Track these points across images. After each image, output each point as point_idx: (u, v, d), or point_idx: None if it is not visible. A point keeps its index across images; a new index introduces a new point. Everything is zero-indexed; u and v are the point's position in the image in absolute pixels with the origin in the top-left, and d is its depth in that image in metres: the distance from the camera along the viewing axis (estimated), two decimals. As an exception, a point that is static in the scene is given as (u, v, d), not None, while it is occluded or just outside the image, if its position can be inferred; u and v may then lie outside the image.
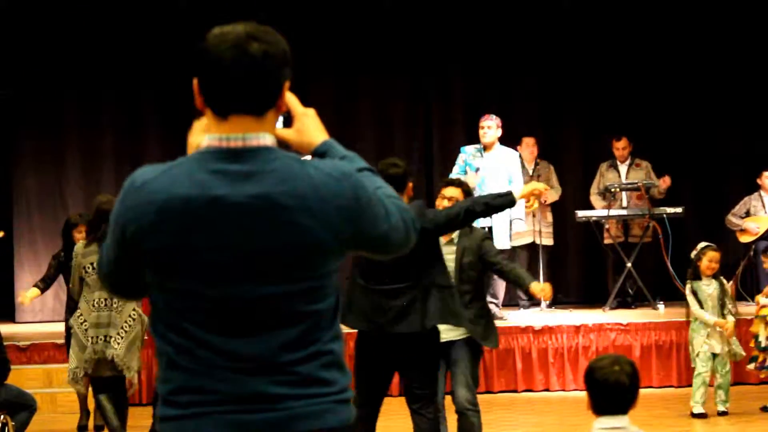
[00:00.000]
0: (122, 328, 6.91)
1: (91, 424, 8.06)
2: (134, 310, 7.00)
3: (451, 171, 9.94)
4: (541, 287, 6.08)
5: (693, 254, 8.13)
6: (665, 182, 10.49)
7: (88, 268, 6.92)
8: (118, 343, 6.88)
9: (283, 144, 2.39)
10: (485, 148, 9.73)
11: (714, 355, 7.95)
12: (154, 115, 11.67)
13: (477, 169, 9.64)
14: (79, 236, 7.66)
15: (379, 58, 11.71)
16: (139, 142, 11.68)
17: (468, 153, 9.76)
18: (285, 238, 2.17)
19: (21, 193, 11.62)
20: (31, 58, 11.44)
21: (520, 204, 9.71)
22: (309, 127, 2.39)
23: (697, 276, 8.03)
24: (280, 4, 11.36)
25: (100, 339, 6.87)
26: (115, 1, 11.52)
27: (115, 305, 6.92)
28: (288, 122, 2.38)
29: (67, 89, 11.55)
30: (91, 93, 11.55)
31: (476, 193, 9.60)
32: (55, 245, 8.44)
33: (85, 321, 6.92)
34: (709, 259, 7.99)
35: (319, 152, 2.38)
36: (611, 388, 3.43)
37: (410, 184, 5.61)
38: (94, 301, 6.90)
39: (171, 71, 10.52)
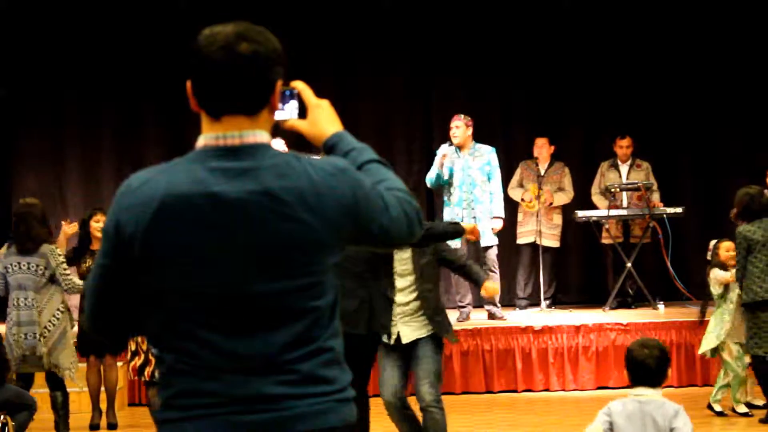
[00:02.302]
0: (45, 327, 7.21)
1: (103, 422, 8.09)
2: (58, 309, 7.32)
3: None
4: (488, 287, 6.25)
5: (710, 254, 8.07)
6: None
7: (9, 268, 7.26)
8: (42, 342, 7.17)
9: (296, 135, 2.41)
10: (459, 148, 9.73)
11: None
12: (154, 115, 11.66)
13: (452, 171, 9.64)
14: (96, 225, 7.88)
15: (379, 58, 11.71)
16: (139, 142, 11.68)
17: (441, 154, 9.75)
18: (284, 233, 2.17)
19: (21, 193, 11.60)
20: (30, 58, 11.44)
21: (498, 201, 9.79)
22: (321, 119, 2.41)
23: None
24: (279, 4, 11.36)
25: (27, 336, 7.16)
26: (115, 2, 11.52)
27: (35, 305, 7.21)
28: (303, 113, 2.39)
29: (67, 89, 11.55)
30: (91, 93, 11.54)
31: (456, 194, 9.66)
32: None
33: (11, 320, 7.24)
34: (726, 249, 7.96)
35: (330, 143, 2.40)
36: (640, 367, 4.18)
37: None
38: (14, 300, 7.22)
39: (171, 71, 10.52)
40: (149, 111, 11.70)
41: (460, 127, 9.73)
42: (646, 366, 4.16)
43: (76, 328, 7.90)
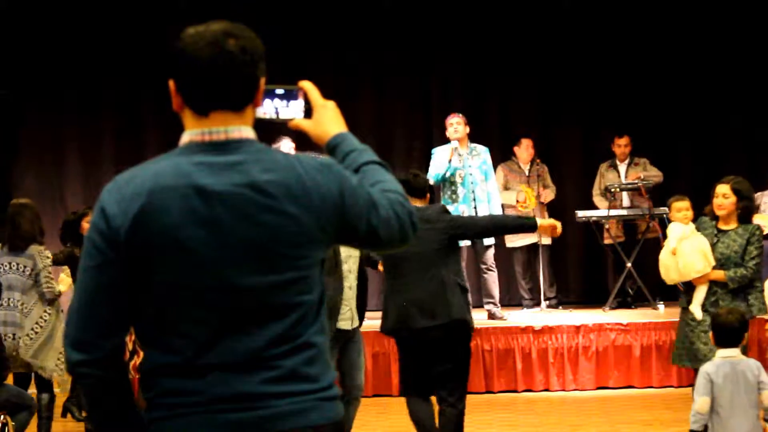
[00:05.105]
0: (32, 329, 7.21)
1: None
2: (45, 311, 7.31)
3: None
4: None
5: None
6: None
7: (0, 268, 7.27)
8: (27, 344, 7.17)
9: (301, 134, 2.43)
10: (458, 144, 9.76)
11: None
12: (154, 115, 11.65)
13: (456, 170, 9.66)
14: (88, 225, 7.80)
15: (379, 59, 11.71)
16: (139, 143, 11.68)
17: (440, 153, 9.76)
18: (271, 226, 2.17)
19: (21, 193, 11.61)
20: (30, 58, 11.44)
21: (497, 200, 9.81)
22: (326, 119, 2.44)
23: None
24: (280, 4, 11.36)
25: (8, 336, 7.16)
26: (116, 2, 11.52)
27: (21, 307, 7.23)
28: (309, 113, 2.41)
29: (67, 89, 11.55)
30: (91, 93, 11.54)
31: (461, 192, 9.66)
32: (55, 245, 8.43)
33: None
34: None
35: (332, 144, 2.42)
36: (727, 329, 5.10)
37: (428, 195, 6.03)
38: (4, 300, 7.21)
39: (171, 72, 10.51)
40: (149, 111, 11.70)
41: (460, 123, 9.78)
42: (732, 327, 5.04)
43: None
